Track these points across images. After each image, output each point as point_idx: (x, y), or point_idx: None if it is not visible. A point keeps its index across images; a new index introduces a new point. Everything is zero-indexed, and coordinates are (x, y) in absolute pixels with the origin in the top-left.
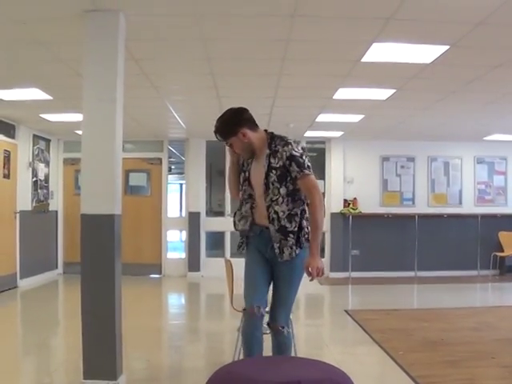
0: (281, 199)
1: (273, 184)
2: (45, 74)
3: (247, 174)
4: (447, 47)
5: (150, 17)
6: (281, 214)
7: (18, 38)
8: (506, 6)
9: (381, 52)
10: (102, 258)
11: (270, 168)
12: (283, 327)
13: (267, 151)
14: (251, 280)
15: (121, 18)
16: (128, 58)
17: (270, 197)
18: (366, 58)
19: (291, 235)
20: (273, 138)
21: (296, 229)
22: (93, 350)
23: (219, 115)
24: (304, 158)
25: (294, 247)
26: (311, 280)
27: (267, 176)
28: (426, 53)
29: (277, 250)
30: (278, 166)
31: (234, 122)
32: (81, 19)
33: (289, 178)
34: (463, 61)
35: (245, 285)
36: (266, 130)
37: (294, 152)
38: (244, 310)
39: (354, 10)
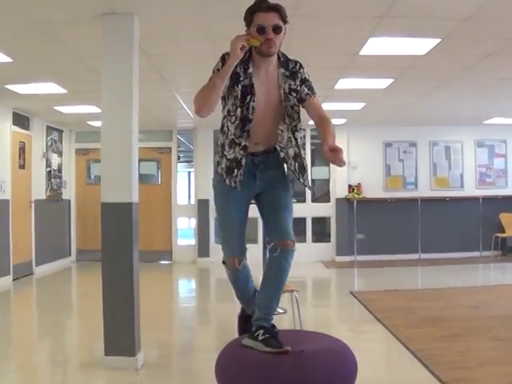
0: (300, 125)
1: (292, 108)
2: (62, 70)
3: (249, 87)
4: (439, 40)
5: (161, 18)
6: (299, 140)
7: (38, 37)
8: (491, 1)
9: (377, 46)
10: (121, 244)
11: (290, 89)
12: (294, 242)
13: (282, 70)
14: (232, 228)
15: (135, 21)
16: (141, 55)
17: (288, 122)
18: (364, 52)
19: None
20: (288, 58)
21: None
22: (113, 329)
23: None
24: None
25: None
26: (341, 165)
27: (286, 98)
28: (419, 46)
29: (294, 168)
30: (294, 87)
31: (285, 13)
32: (99, 21)
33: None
34: (455, 51)
35: (223, 232)
36: None
37: (308, 75)
38: (223, 262)
39: (350, 8)
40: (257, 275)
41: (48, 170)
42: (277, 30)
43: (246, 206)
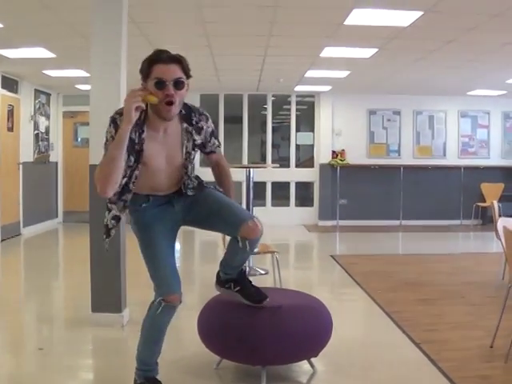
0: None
1: (191, 162)
2: (51, 35)
3: (140, 149)
4: (422, 13)
5: None
6: (187, 180)
7: (29, 3)
8: None
9: (361, 16)
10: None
11: (194, 145)
12: (260, 224)
13: (185, 125)
14: (163, 261)
15: None
16: (129, 21)
17: (188, 172)
18: (348, 22)
19: (191, 189)
20: (191, 109)
21: (195, 183)
22: (100, 287)
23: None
24: None
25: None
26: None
27: (188, 157)
28: (402, 17)
29: (191, 187)
30: (200, 141)
31: (187, 65)
32: None
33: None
34: (438, 24)
35: (154, 269)
36: None
37: (213, 128)
38: (162, 300)
39: None
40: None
41: (36, 132)
42: (178, 85)
43: (169, 230)
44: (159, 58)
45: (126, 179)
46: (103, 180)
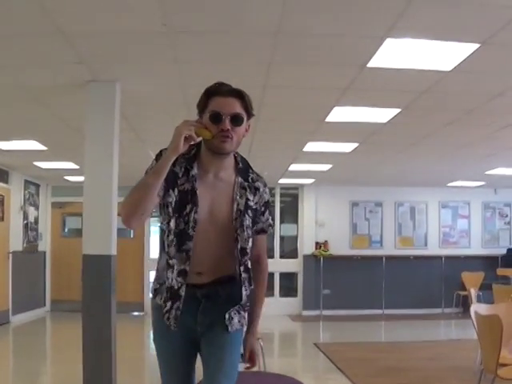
0: (249, 253)
1: (247, 230)
2: (44, 129)
3: (190, 193)
4: (399, 110)
5: (140, 86)
6: (244, 274)
7: (22, 99)
8: (446, 78)
9: (341, 114)
10: (100, 293)
11: (247, 206)
12: None
13: (238, 179)
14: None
15: (117, 87)
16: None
17: (243, 246)
18: (329, 119)
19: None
20: (249, 165)
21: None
22: (92, 373)
23: None
24: None
25: (243, 312)
26: (249, 368)
27: (239, 217)
28: (380, 114)
29: (227, 316)
30: (253, 206)
31: (250, 101)
32: (83, 87)
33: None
34: (415, 120)
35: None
36: None
37: (269, 199)
38: None
39: (317, 81)
40: None
41: (25, 222)
42: (236, 120)
43: (189, 349)
44: (218, 90)
45: (182, 225)
46: (130, 207)
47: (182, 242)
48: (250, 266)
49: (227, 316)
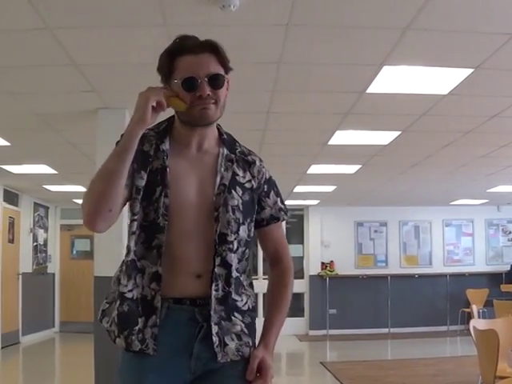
0: (236, 246)
1: (233, 212)
2: (54, 154)
3: (160, 172)
4: (399, 132)
5: None
6: (233, 272)
7: (35, 125)
8: (442, 101)
9: (344, 137)
10: None
11: (233, 181)
12: None
13: (223, 149)
14: None
15: (127, 114)
16: None
17: (223, 231)
18: (332, 142)
19: (239, 315)
20: (235, 140)
21: (248, 306)
22: None
23: None
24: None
25: (245, 338)
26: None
27: (223, 192)
28: (381, 137)
29: (215, 339)
30: (246, 184)
31: (225, 53)
32: (93, 114)
33: (253, 216)
34: (415, 142)
35: None
36: None
37: (271, 176)
38: None
39: (317, 106)
40: None
41: (34, 244)
42: (216, 82)
43: None
44: (184, 47)
45: (152, 215)
46: (91, 203)
47: (152, 236)
48: (233, 261)
49: (215, 339)
